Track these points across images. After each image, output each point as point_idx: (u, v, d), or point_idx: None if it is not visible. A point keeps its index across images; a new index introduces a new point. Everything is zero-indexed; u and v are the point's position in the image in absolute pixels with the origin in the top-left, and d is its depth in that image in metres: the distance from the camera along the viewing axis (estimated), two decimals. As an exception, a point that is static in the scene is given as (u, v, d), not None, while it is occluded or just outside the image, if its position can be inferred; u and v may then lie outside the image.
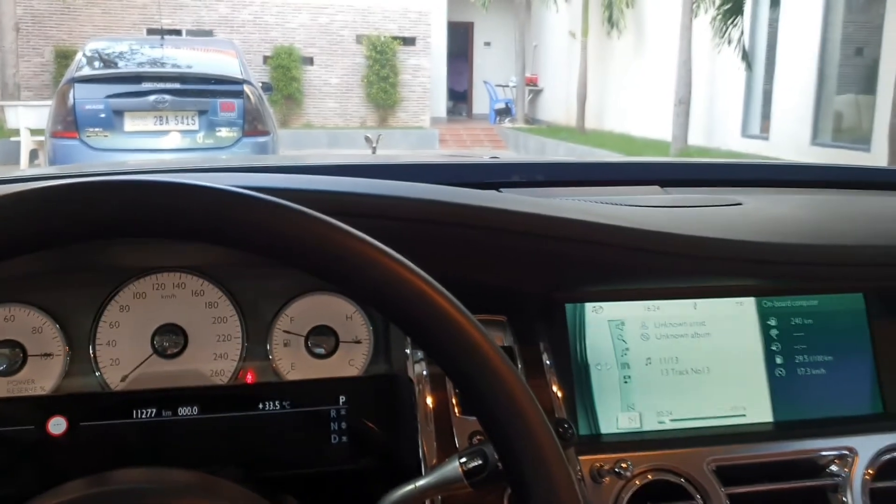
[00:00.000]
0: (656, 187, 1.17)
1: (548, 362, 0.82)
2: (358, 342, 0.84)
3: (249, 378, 0.82)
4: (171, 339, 0.81)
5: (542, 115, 19.83)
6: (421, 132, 16.65)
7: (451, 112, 20.49)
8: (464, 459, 0.60)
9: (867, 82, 9.89)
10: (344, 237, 0.48)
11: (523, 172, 1.30)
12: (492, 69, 20.08)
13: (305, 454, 0.80)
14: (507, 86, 18.97)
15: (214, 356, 0.82)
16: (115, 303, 0.80)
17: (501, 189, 1.11)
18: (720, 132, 12.58)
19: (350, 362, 0.84)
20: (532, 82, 19.50)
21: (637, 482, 0.79)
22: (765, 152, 11.09)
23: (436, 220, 0.70)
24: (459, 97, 21.44)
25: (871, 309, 0.93)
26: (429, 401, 0.77)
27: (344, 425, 0.81)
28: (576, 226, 0.79)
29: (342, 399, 0.82)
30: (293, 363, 0.83)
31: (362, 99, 17.31)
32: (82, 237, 0.47)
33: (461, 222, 0.72)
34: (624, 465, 0.76)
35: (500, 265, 0.80)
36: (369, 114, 17.38)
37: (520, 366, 0.81)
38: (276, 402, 0.81)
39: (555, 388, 0.81)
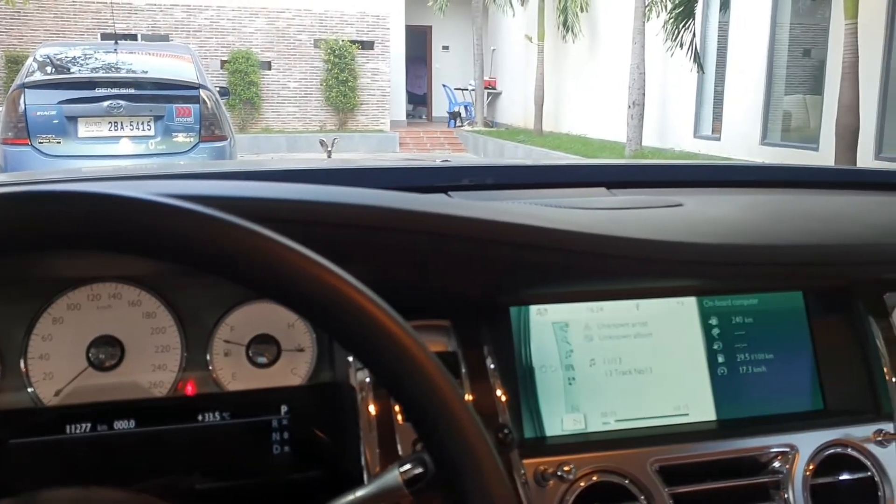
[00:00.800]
0: (603, 189, 1.18)
1: (492, 366, 0.82)
2: (301, 350, 0.83)
3: (189, 389, 0.81)
4: (107, 351, 0.79)
5: (500, 117, 19.92)
6: (381, 135, 16.62)
7: (411, 115, 20.49)
8: (404, 468, 0.60)
9: (814, 83, 10.11)
10: (269, 245, 0.47)
11: (473, 176, 1.29)
12: (450, 73, 20.12)
13: (247, 465, 0.79)
14: (466, 89, 19.02)
15: (153, 368, 0.80)
16: (47, 315, 0.78)
17: (450, 193, 1.10)
18: (673, 133, 12.76)
19: (293, 371, 0.83)
20: (490, 85, 19.58)
21: (582, 484, 0.79)
22: (716, 152, 11.27)
23: (373, 225, 0.70)
24: (419, 100, 21.45)
25: (811, 307, 0.95)
26: (371, 408, 0.76)
27: (286, 435, 0.80)
28: (519, 230, 0.79)
29: (284, 409, 0.81)
30: (234, 373, 0.82)
31: (321, 103, 17.23)
32: None
33: (400, 227, 0.71)
34: (567, 467, 0.76)
35: (444, 270, 0.80)
36: (329, 117, 17.30)
37: (464, 370, 0.81)
38: (217, 414, 0.79)
39: (499, 392, 0.81)
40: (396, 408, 0.77)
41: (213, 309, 0.82)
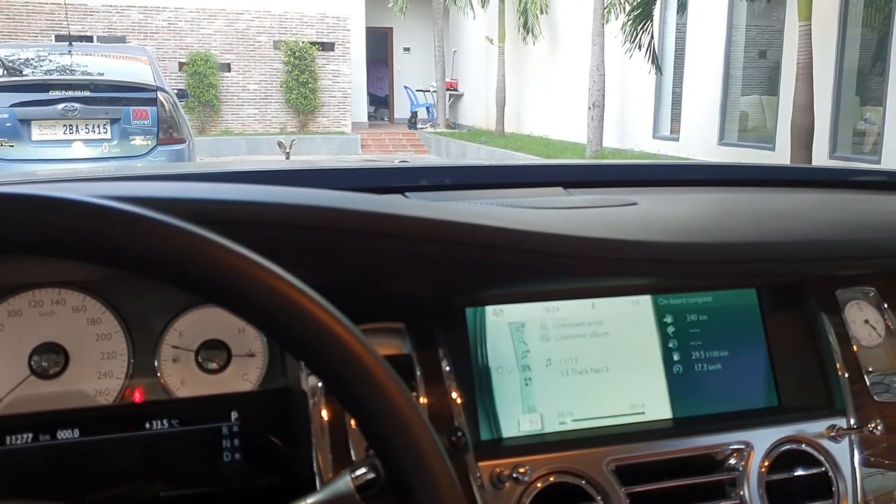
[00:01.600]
0: (560, 189, 1.18)
1: (447, 368, 0.81)
2: (251, 355, 0.82)
3: (137, 397, 0.79)
4: (50, 358, 0.77)
5: (463, 119, 19.95)
6: (343, 137, 16.55)
7: (373, 117, 20.43)
8: (356, 473, 0.58)
9: (770, 84, 10.29)
10: (208, 247, 0.46)
11: (431, 176, 1.29)
12: (412, 74, 20.10)
13: (196, 474, 0.77)
14: (428, 91, 19.01)
15: (98, 375, 0.78)
16: None
17: (407, 193, 1.09)
18: (633, 134, 12.89)
19: (244, 376, 0.81)
20: (452, 87, 19.60)
21: (539, 485, 0.79)
22: (675, 153, 11.42)
23: (321, 226, 0.68)
24: (381, 102, 21.39)
25: (764, 304, 0.95)
26: (323, 413, 0.75)
27: (237, 442, 0.78)
28: (473, 230, 0.78)
29: (234, 415, 0.79)
30: (183, 379, 0.80)
31: (282, 105, 17.10)
32: None
33: (349, 228, 0.70)
34: (522, 469, 0.76)
35: (397, 271, 0.79)
36: (289, 119, 17.18)
37: (418, 373, 0.80)
38: (165, 421, 0.77)
39: (454, 395, 0.80)
40: None
41: (160, 314, 0.80)
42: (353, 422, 0.75)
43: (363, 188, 1.05)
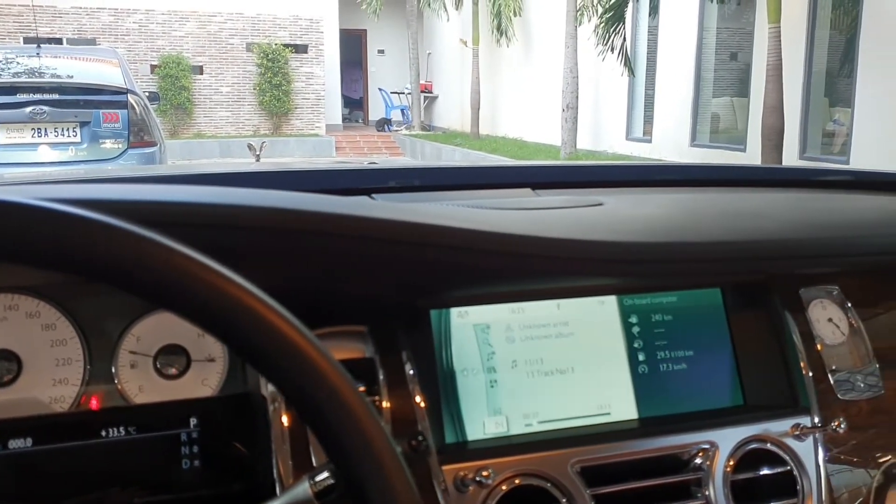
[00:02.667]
0: (528, 190, 1.18)
1: (411, 372, 0.80)
2: (211, 360, 0.80)
3: (94, 404, 0.77)
4: (2, 366, 0.75)
5: (437, 121, 19.96)
6: (317, 140, 16.48)
7: (348, 119, 20.36)
8: (315, 479, 0.57)
9: (741, 85, 10.40)
10: (155, 249, 0.45)
11: (399, 177, 1.28)
12: (386, 76, 20.06)
13: (154, 481, 0.76)
14: (403, 93, 18.99)
15: (53, 382, 0.76)
16: None
17: (374, 195, 1.08)
18: (606, 136, 12.97)
19: (203, 382, 0.80)
20: (427, 89, 19.60)
21: (504, 487, 0.78)
22: (648, 154, 11.50)
23: (275, 227, 0.67)
24: (355, 104, 21.33)
25: (729, 303, 0.96)
26: (284, 419, 0.73)
27: (196, 449, 0.77)
28: (437, 231, 0.78)
29: (193, 421, 0.77)
30: (141, 386, 0.78)
31: (255, 107, 17.00)
32: None
33: (305, 229, 0.69)
34: (485, 472, 0.75)
35: (358, 274, 0.78)
36: (262, 122, 17.08)
37: (381, 377, 0.79)
38: (122, 428, 0.76)
39: (418, 398, 0.79)
40: None
41: (117, 319, 0.78)
42: None
43: (330, 190, 1.04)
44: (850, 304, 0.99)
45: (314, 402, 0.48)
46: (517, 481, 0.79)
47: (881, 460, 0.95)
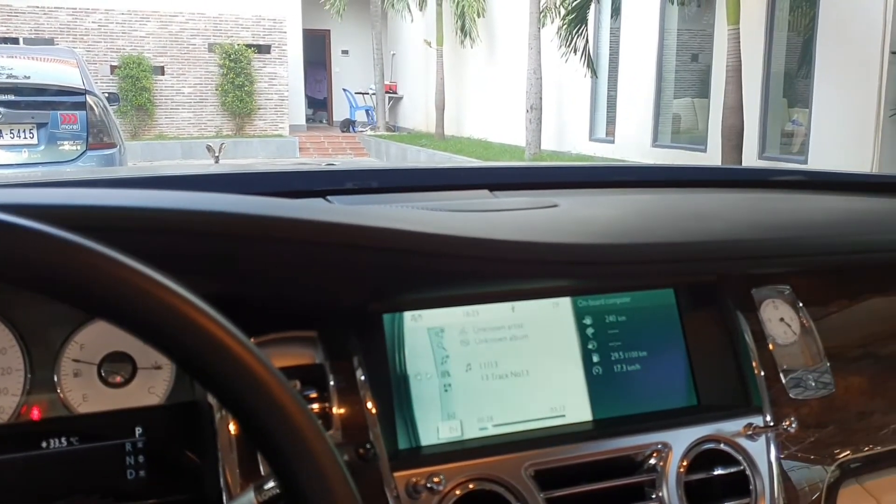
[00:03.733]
0: (486, 191, 1.17)
1: (362, 377, 0.79)
2: (158, 368, 0.78)
3: (35, 414, 0.75)
4: None
5: (403, 121, 19.92)
6: (280, 140, 16.35)
7: (312, 120, 20.24)
8: (261, 489, 0.56)
9: (702, 86, 10.52)
10: (83, 255, 0.43)
11: (357, 179, 1.26)
12: (351, 77, 19.97)
13: (98, 492, 0.74)
14: (367, 93, 18.92)
15: None
16: None
17: (330, 197, 1.07)
18: (570, 137, 13.04)
19: (150, 390, 0.78)
20: (391, 90, 19.55)
21: (458, 492, 0.78)
22: (611, 155, 11.59)
23: (224, 233, 0.65)
24: (319, 105, 21.20)
25: (682, 303, 0.96)
26: (231, 427, 0.72)
27: (142, 458, 0.75)
28: (387, 235, 0.76)
29: (139, 430, 0.76)
30: (85, 394, 0.76)
31: (217, 108, 16.82)
32: None
33: (254, 235, 0.67)
34: (436, 479, 0.74)
35: (309, 279, 0.76)
36: (225, 123, 16.91)
37: (332, 383, 0.78)
38: (64, 439, 0.74)
39: (369, 405, 0.78)
40: None
41: (59, 326, 0.76)
42: None
43: (284, 192, 1.02)
44: (801, 304, 1.00)
45: (252, 411, 0.47)
46: (471, 486, 0.78)
47: (833, 458, 0.96)
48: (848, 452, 0.97)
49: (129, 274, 0.45)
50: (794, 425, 0.90)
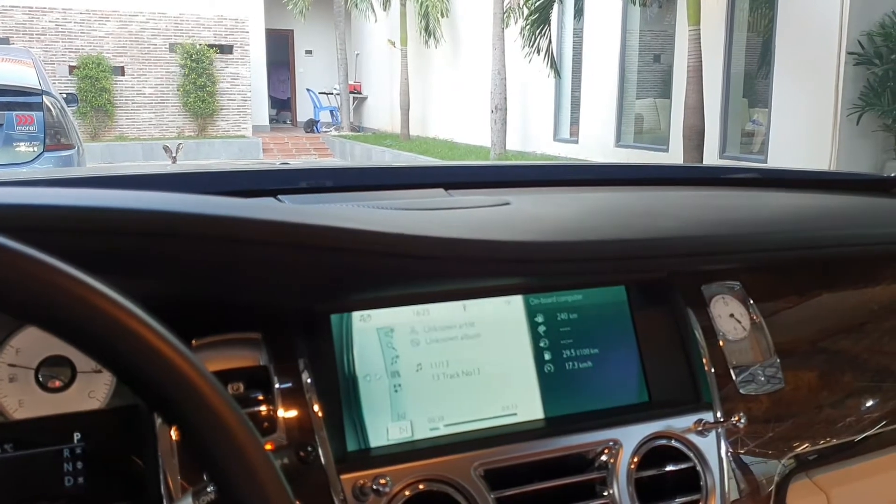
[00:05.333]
0: (441, 190, 1.17)
1: (308, 380, 0.78)
2: (98, 371, 0.76)
3: None
4: None
5: (367, 122, 19.85)
6: (243, 141, 16.20)
7: (275, 120, 20.09)
8: (200, 494, 0.55)
9: (664, 87, 10.63)
10: (9, 258, 0.41)
11: (310, 178, 1.25)
12: (315, 77, 19.85)
13: (34, 501, 0.71)
14: (332, 93, 18.82)
15: None
16: None
17: (281, 197, 1.05)
18: (535, 137, 13.10)
19: (90, 394, 0.76)
20: (356, 90, 19.47)
21: (407, 493, 0.77)
22: (575, 154, 11.65)
23: (160, 232, 0.64)
24: (283, 105, 21.04)
25: (633, 300, 0.96)
26: (172, 432, 0.70)
27: (80, 465, 0.73)
28: (333, 234, 0.75)
29: (77, 436, 0.74)
30: (21, 400, 0.74)
31: (179, 109, 16.62)
32: None
33: (192, 234, 0.65)
34: (382, 480, 0.73)
35: (252, 279, 0.75)
36: (187, 124, 16.71)
37: (277, 386, 0.76)
38: None
39: (315, 407, 0.77)
40: None
41: None
42: None
43: (236, 192, 1.01)
44: (751, 300, 1.01)
45: (184, 416, 0.46)
46: (421, 487, 0.78)
47: (783, 452, 0.97)
48: (797, 447, 0.98)
49: (53, 275, 0.43)
50: (742, 421, 0.90)
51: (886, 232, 1.12)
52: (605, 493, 0.84)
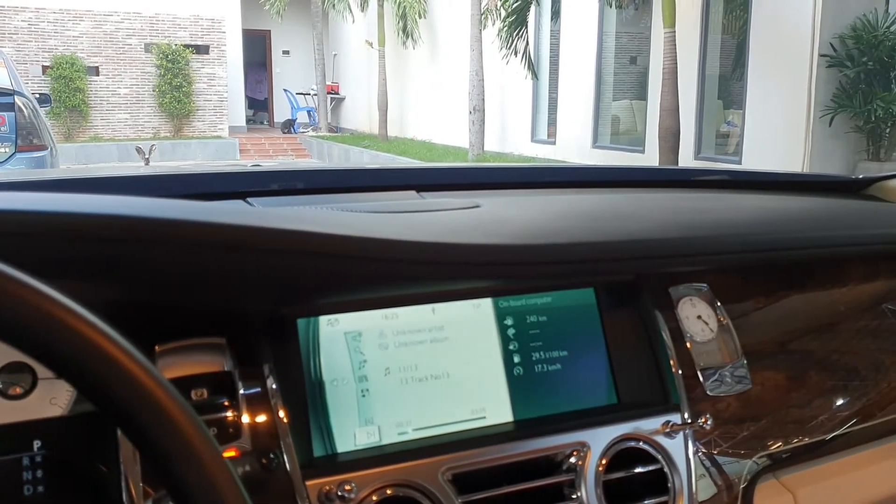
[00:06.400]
0: (413, 192, 1.16)
1: (273, 385, 0.77)
2: (60, 377, 0.75)
3: None
4: None
5: (345, 122, 19.79)
6: (220, 142, 16.10)
7: (252, 121, 19.97)
8: (162, 500, 0.54)
9: (640, 88, 10.69)
10: None
11: (280, 180, 1.24)
12: (292, 77, 19.76)
13: None
14: (309, 94, 18.75)
15: None
16: None
17: (250, 199, 1.05)
18: (513, 138, 13.12)
19: (52, 401, 0.75)
20: (334, 90, 19.40)
21: (374, 497, 0.76)
22: (552, 156, 11.69)
23: (116, 237, 0.63)
24: (260, 106, 20.92)
25: (602, 302, 0.96)
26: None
27: (40, 473, 0.72)
28: (298, 237, 0.75)
29: (37, 444, 0.72)
30: None
31: (155, 109, 16.49)
32: None
33: (151, 238, 0.65)
34: (348, 486, 0.73)
35: (216, 284, 0.74)
36: (163, 124, 16.58)
37: (241, 391, 0.75)
38: None
39: (280, 413, 0.76)
40: None
41: None
42: None
43: (205, 194, 1.00)
44: (718, 302, 1.01)
45: (139, 423, 0.45)
46: (388, 492, 0.77)
47: (751, 453, 0.98)
48: (765, 448, 0.99)
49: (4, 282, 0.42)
50: (710, 422, 0.91)
51: (852, 234, 1.13)
52: (574, 496, 0.84)
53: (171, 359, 0.74)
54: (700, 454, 0.93)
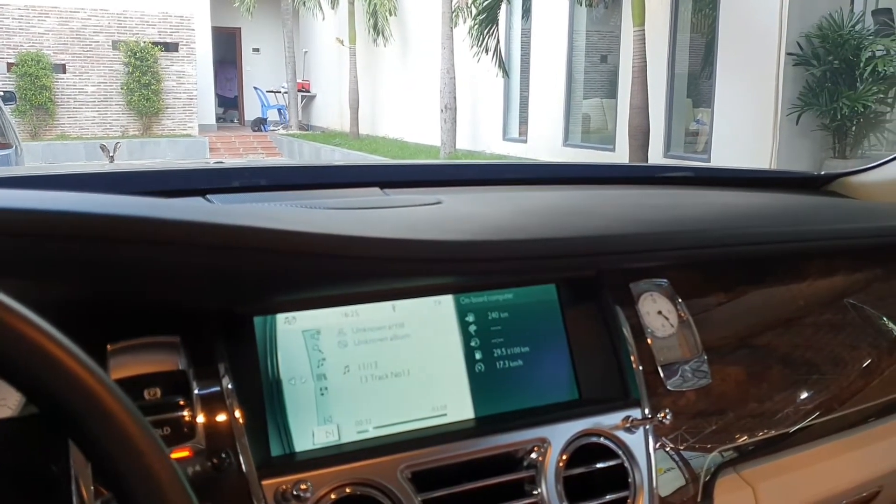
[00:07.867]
0: (377, 189, 1.15)
1: (229, 385, 0.76)
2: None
3: None
4: None
5: (316, 120, 19.69)
6: (189, 140, 15.96)
7: (222, 119, 19.81)
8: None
9: (610, 87, 10.76)
10: None
11: (243, 177, 1.23)
12: (263, 75, 19.63)
13: None
14: (279, 92, 18.64)
15: None
16: None
17: (210, 196, 1.03)
18: (484, 136, 13.14)
19: (1, 402, 0.73)
20: (304, 88, 19.30)
21: (333, 496, 0.76)
22: (523, 154, 11.73)
23: (67, 234, 0.61)
24: (230, 104, 20.76)
25: (563, 299, 0.96)
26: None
27: None
28: (252, 234, 0.73)
29: None
30: None
31: (123, 107, 16.31)
32: None
33: (100, 235, 0.63)
34: (303, 486, 0.72)
35: (168, 281, 0.73)
36: (132, 122, 16.40)
37: (196, 391, 0.74)
38: None
39: (236, 413, 0.75)
40: None
41: None
42: None
43: (165, 191, 0.98)
44: (679, 297, 1.02)
45: (78, 422, 0.44)
46: (347, 490, 0.77)
47: (711, 448, 0.98)
48: (726, 442, 1.00)
49: None
50: (669, 417, 0.91)
51: (811, 229, 1.14)
52: (535, 492, 0.84)
53: (124, 358, 0.72)
54: (661, 449, 0.93)
